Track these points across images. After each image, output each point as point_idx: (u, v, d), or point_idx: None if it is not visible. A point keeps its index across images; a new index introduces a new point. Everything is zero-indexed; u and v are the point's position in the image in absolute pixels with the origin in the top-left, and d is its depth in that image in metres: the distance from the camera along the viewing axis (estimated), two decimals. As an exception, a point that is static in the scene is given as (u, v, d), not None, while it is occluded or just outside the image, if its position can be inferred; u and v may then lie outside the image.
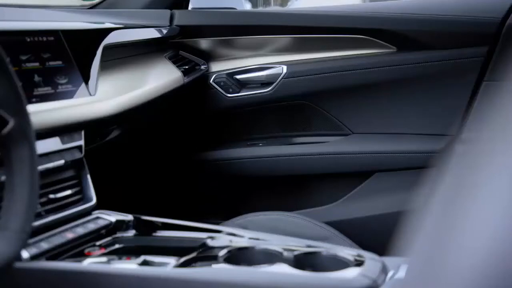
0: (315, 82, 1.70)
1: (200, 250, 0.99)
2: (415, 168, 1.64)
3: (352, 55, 1.70)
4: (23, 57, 1.08)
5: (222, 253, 0.95)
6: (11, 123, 0.73)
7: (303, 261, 0.91)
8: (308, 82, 1.71)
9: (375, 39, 1.65)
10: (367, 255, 0.90)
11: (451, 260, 0.28)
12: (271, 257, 0.93)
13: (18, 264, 0.86)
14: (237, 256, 0.95)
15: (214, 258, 0.94)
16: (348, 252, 0.92)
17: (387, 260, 0.89)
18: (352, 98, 1.71)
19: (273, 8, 3.40)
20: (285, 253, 0.92)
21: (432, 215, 0.31)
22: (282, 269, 0.86)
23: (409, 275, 0.31)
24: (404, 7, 1.67)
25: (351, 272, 0.84)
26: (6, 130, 0.73)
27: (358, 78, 1.68)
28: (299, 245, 0.98)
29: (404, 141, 1.68)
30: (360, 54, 1.69)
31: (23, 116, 0.74)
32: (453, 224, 0.28)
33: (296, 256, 0.92)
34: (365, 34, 1.65)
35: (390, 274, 0.85)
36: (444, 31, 1.61)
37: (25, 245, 0.71)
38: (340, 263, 0.88)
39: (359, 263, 0.87)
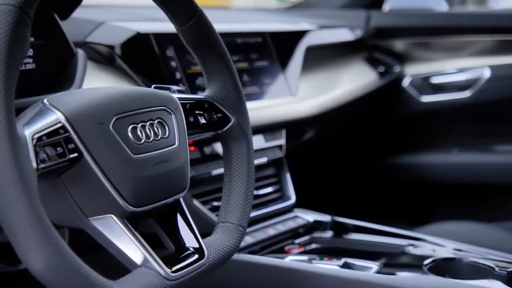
0: None
1: (402, 257, 0.97)
2: None
3: None
4: (235, 58, 1.13)
5: (426, 262, 0.91)
6: (232, 121, 0.76)
7: None
8: None
9: None
10: None
11: None
12: (481, 271, 0.88)
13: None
14: (443, 267, 0.91)
15: (418, 267, 0.91)
16: None
17: None
18: None
19: (471, 8, 3.24)
20: (497, 269, 0.87)
21: None
22: (496, 286, 0.80)
23: None
24: None
25: None
26: (227, 127, 0.76)
27: None
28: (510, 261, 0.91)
29: None
30: None
31: (243, 115, 0.78)
32: None
33: (509, 273, 0.86)
34: None
35: None
36: None
37: (242, 238, 0.74)
38: None
39: None
